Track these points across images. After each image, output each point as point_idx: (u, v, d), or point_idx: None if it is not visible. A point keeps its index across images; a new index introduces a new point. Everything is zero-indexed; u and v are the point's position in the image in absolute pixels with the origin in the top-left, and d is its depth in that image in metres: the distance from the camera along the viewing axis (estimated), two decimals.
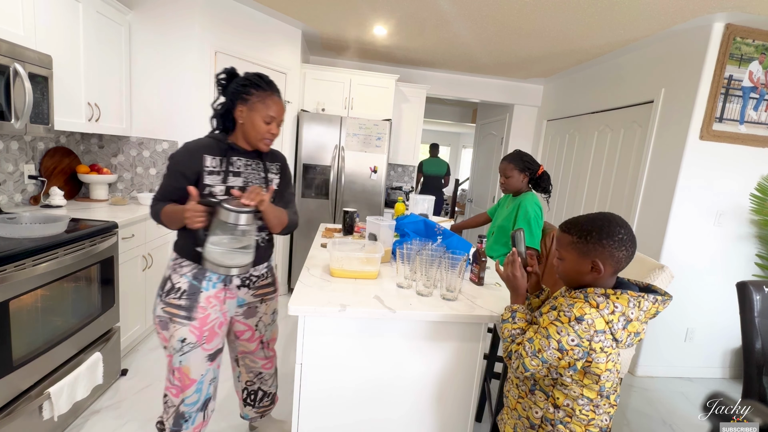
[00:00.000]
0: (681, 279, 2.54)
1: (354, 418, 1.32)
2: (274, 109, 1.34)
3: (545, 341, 0.92)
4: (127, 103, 2.59)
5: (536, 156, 4.48)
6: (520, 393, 1.08)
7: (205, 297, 1.35)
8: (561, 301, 0.99)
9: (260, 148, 1.39)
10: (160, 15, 2.57)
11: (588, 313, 0.90)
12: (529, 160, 2.06)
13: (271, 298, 1.60)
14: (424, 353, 1.29)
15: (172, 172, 1.31)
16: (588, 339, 0.89)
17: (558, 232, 1.04)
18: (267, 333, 1.62)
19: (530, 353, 0.95)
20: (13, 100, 1.63)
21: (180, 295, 1.33)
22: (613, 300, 0.91)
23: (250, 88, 1.31)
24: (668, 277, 1.53)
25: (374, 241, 1.83)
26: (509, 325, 1.06)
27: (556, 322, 0.93)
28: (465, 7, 2.54)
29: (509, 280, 1.13)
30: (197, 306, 1.33)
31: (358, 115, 3.63)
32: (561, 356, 0.91)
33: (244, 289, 1.46)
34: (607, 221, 0.96)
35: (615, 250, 0.94)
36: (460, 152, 10.58)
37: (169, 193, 1.32)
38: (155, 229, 2.47)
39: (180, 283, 1.34)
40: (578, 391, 0.96)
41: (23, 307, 1.47)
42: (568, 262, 1.00)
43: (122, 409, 1.90)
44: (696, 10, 2.22)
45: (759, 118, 2.44)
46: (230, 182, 1.34)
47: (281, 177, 1.51)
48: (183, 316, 1.32)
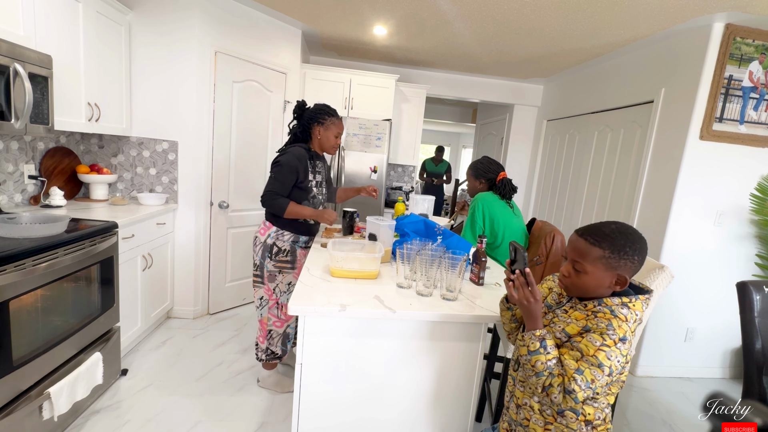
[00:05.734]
0: (681, 279, 2.54)
1: (354, 417, 1.32)
2: (341, 128, 2.05)
3: (598, 371, 0.86)
4: (127, 103, 2.59)
5: (536, 156, 4.48)
6: (546, 419, 1.00)
7: (299, 253, 2.04)
8: (580, 317, 0.96)
9: (331, 153, 2.10)
10: (160, 15, 2.57)
11: (626, 331, 0.88)
12: (485, 168, 2.17)
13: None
14: (424, 353, 1.29)
15: (288, 173, 1.88)
16: (626, 354, 0.89)
17: (580, 243, 0.98)
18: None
19: (584, 386, 0.86)
20: (13, 100, 1.63)
21: (286, 254, 2.00)
22: (632, 309, 0.92)
23: (325, 115, 1.99)
24: (668, 277, 1.53)
25: (374, 241, 1.83)
26: (542, 356, 0.92)
27: (603, 347, 0.87)
28: (465, 7, 2.54)
29: (529, 305, 0.99)
30: (297, 260, 2.04)
31: (358, 115, 3.64)
32: (609, 380, 0.88)
33: (307, 250, 2.07)
34: (637, 236, 0.96)
35: (639, 264, 0.94)
36: (460, 152, 10.58)
37: (285, 189, 1.89)
38: (155, 229, 2.48)
39: (284, 246, 1.99)
40: (605, 401, 0.96)
41: (23, 307, 1.47)
42: (591, 276, 0.95)
43: (122, 409, 1.90)
44: (696, 10, 2.22)
45: (759, 118, 2.44)
46: (316, 178, 2.03)
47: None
48: (289, 268, 2.02)
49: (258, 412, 1.96)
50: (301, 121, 2.02)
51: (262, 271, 2.01)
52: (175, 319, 2.83)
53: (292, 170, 1.89)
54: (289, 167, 1.89)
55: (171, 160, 2.73)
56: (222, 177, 2.90)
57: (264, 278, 2.01)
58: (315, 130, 2.00)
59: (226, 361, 2.37)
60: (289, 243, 2.00)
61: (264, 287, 2.02)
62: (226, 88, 2.82)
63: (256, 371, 2.28)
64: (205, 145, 2.76)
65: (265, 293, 2.03)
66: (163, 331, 2.66)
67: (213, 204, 2.87)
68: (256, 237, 2.02)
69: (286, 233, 1.99)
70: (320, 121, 1.99)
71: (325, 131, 2.00)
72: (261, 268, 2.00)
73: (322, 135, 2.00)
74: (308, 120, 2.00)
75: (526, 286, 0.99)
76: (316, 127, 1.99)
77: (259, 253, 2.00)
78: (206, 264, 2.90)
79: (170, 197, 2.76)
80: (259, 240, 2.00)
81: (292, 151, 1.92)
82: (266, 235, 1.98)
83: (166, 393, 2.04)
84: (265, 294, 2.03)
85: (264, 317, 2.05)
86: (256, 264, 2.02)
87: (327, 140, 2.02)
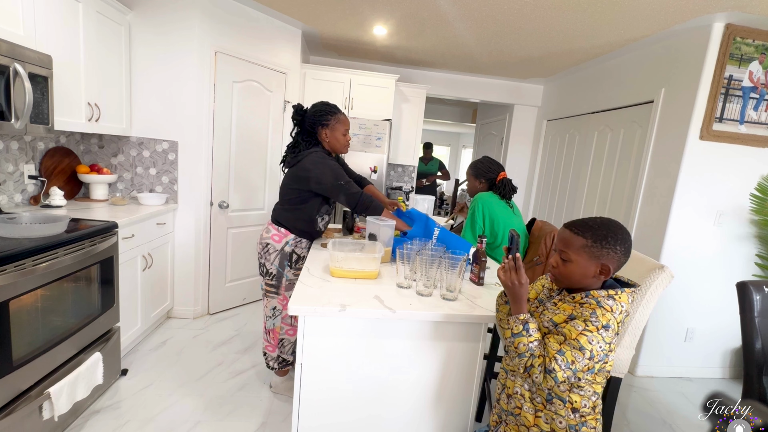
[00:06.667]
0: (681, 279, 2.54)
1: (354, 417, 1.32)
2: (347, 123, 1.90)
3: (578, 353, 0.91)
4: (127, 103, 2.59)
5: (536, 156, 4.48)
6: (536, 406, 1.04)
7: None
8: (568, 308, 1.00)
9: (344, 152, 1.97)
10: (160, 15, 2.57)
11: (610, 320, 0.93)
12: (486, 168, 2.17)
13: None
14: (425, 353, 1.29)
15: (333, 171, 1.80)
16: (609, 343, 0.93)
17: (566, 233, 1.03)
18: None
19: (564, 366, 0.92)
20: (13, 100, 1.63)
21: (305, 261, 1.79)
22: (618, 300, 0.95)
23: (327, 115, 1.84)
24: (668, 277, 1.53)
25: (374, 241, 1.83)
26: (524, 338, 0.98)
27: (586, 332, 0.92)
28: (465, 7, 2.54)
29: (513, 287, 1.05)
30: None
31: (358, 115, 3.63)
32: (589, 363, 0.93)
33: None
34: (620, 228, 1.01)
35: (623, 256, 0.99)
36: (460, 152, 10.58)
37: (352, 184, 1.82)
38: (155, 229, 2.48)
39: (303, 254, 1.94)
40: (591, 389, 1.00)
41: (23, 307, 1.47)
42: (575, 264, 1.00)
43: (122, 409, 1.90)
44: (696, 10, 2.22)
45: (759, 118, 2.44)
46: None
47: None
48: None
49: (258, 412, 1.96)
50: (304, 127, 1.90)
51: (279, 281, 1.92)
52: (175, 319, 2.83)
53: (334, 167, 1.80)
54: (329, 167, 1.80)
55: (171, 160, 2.73)
56: (222, 177, 2.90)
57: (281, 288, 1.93)
58: (321, 134, 1.87)
59: (226, 361, 2.37)
60: (307, 250, 1.94)
61: (278, 297, 1.95)
62: (226, 88, 2.82)
63: (256, 371, 2.28)
64: (205, 145, 2.76)
65: (279, 303, 1.96)
66: (163, 331, 2.66)
67: (213, 204, 2.87)
68: (269, 244, 1.90)
69: (304, 240, 1.93)
70: (324, 123, 1.85)
71: (332, 132, 1.87)
72: (279, 278, 1.92)
73: (330, 137, 1.87)
74: (311, 125, 1.87)
75: (514, 270, 1.04)
76: (322, 130, 1.86)
77: (275, 262, 1.90)
78: (206, 264, 2.90)
79: (170, 197, 2.76)
80: (273, 248, 1.90)
81: (309, 158, 1.80)
82: (283, 243, 1.89)
83: (166, 393, 2.04)
84: (279, 304, 1.96)
85: (276, 327, 1.99)
86: (272, 273, 1.92)
87: (336, 141, 1.88)
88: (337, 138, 1.88)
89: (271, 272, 1.92)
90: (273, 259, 1.91)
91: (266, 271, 1.93)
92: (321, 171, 1.79)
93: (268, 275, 1.93)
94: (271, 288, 1.95)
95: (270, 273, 1.93)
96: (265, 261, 1.92)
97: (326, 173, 1.80)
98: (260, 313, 3.02)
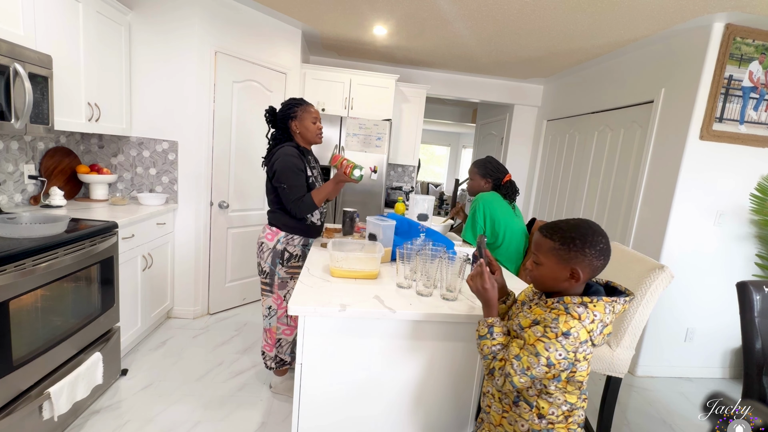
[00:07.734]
0: (681, 279, 2.54)
1: (354, 417, 1.32)
2: (313, 112, 1.94)
3: (534, 359, 0.90)
4: (127, 103, 2.59)
5: (536, 156, 4.48)
6: (503, 407, 1.05)
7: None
8: (539, 312, 0.97)
9: (317, 142, 1.99)
10: (160, 15, 2.57)
11: (573, 327, 0.89)
12: (494, 168, 2.16)
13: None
14: (425, 353, 1.29)
15: (293, 174, 1.82)
16: (573, 351, 0.89)
17: (537, 235, 1.02)
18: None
19: (519, 371, 0.92)
20: (13, 100, 1.63)
21: (297, 259, 1.95)
22: (591, 309, 0.91)
23: (293, 108, 1.90)
24: (668, 277, 1.53)
25: (374, 241, 1.82)
26: (488, 341, 1.01)
27: (543, 338, 0.90)
28: (465, 7, 2.54)
29: (480, 293, 1.07)
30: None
31: (358, 115, 3.64)
32: (548, 371, 0.91)
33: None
34: (591, 230, 0.95)
35: (594, 260, 0.94)
36: (460, 152, 10.57)
37: (303, 189, 1.84)
38: (155, 229, 2.48)
39: (296, 251, 1.95)
40: (562, 398, 0.97)
41: (23, 307, 1.47)
42: (546, 267, 0.98)
43: (122, 409, 1.90)
44: (696, 10, 2.22)
45: (759, 118, 2.44)
46: (313, 173, 1.96)
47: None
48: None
49: (258, 412, 1.96)
50: (278, 125, 1.94)
51: (272, 279, 1.94)
52: (175, 319, 2.83)
53: (297, 169, 1.83)
54: (291, 170, 1.82)
55: (171, 160, 2.73)
56: (222, 177, 2.90)
57: (274, 286, 1.95)
58: (292, 126, 1.91)
59: (226, 361, 2.37)
60: (299, 247, 1.95)
61: (273, 296, 1.96)
62: (226, 87, 2.82)
63: (256, 371, 2.28)
64: (205, 145, 2.76)
65: (274, 302, 1.97)
66: (163, 331, 2.66)
67: (213, 204, 2.87)
68: (263, 243, 1.94)
69: (296, 237, 1.94)
70: (292, 116, 1.90)
71: (301, 122, 1.91)
72: (271, 276, 1.94)
73: (300, 127, 1.91)
74: (282, 120, 1.92)
75: (479, 276, 1.06)
76: (292, 123, 1.91)
77: (268, 260, 1.93)
78: (206, 264, 2.90)
79: (170, 197, 2.76)
80: (266, 246, 1.92)
81: (280, 152, 1.85)
82: (275, 241, 1.91)
83: (166, 393, 2.04)
84: (274, 303, 1.97)
85: (273, 326, 2.00)
86: (266, 271, 1.94)
87: (307, 130, 1.92)
88: (306, 127, 1.91)
89: (265, 271, 1.95)
90: (266, 258, 1.93)
91: (261, 269, 1.97)
92: (284, 173, 1.82)
93: (263, 274, 1.96)
94: (266, 287, 1.97)
95: (264, 271, 1.95)
96: (260, 260, 1.96)
97: (288, 174, 1.82)
98: (260, 313, 3.02)
